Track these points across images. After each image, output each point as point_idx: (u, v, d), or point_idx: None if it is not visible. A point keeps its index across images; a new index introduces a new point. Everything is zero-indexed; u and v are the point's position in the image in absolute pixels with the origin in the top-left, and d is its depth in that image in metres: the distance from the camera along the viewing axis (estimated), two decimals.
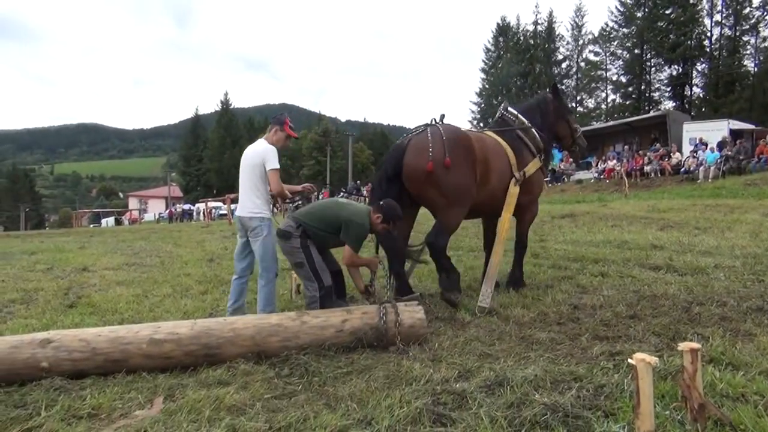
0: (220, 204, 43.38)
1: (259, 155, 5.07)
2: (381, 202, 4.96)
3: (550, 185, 25.43)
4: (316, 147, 69.93)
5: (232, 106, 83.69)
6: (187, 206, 53.29)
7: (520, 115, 6.33)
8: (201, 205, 44.91)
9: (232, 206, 34.66)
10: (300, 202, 6.25)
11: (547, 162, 6.66)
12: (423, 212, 5.98)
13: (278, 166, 5.06)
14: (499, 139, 6.04)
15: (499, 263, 5.73)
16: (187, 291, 7.23)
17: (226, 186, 65.03)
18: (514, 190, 5.82)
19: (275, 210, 5.74)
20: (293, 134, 5.34)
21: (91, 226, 44.87)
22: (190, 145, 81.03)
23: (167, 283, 7.86)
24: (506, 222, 5.77)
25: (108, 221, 52.10)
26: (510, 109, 6.45)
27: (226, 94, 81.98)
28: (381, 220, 4.87)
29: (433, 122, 5.61)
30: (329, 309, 4.63)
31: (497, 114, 6.60)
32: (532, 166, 6.09)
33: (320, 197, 45.16)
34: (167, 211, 54.77)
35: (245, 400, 3.29)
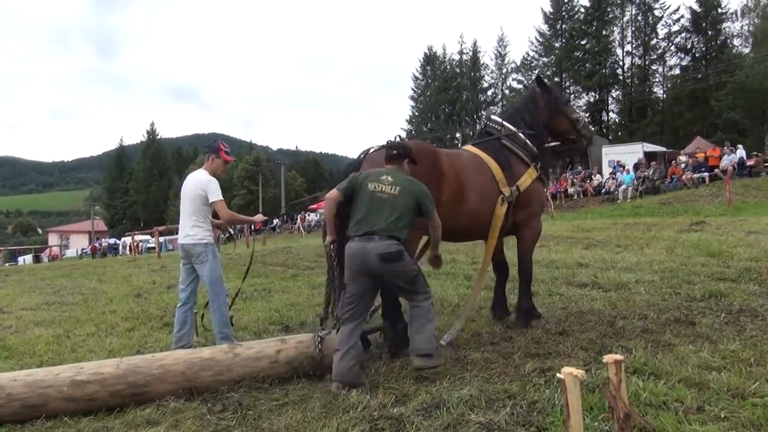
0: (147, 237, 41.89)
1: (200, 186, 5.10)
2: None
3: None
4: (248, 176, 68.91)
5: (159, 136, 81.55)
6: (112, 240, 51.09)
7: (505, 123, 5.61)
8: (127, 239, 43.16)
9: (161, 238, 33.58)
10: (230, 234, 6.11)
11: (547, 169, 5.85)
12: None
13: (221, 197, 5.10)
14: (480, 153, 5.36)
15: (477, 298, 5.28)
16: (112, 329, 6.90)
17: (154, 218, 63.04)
18: (500, 211, 5.16)
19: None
20: (229, 159, 5.37)
21: (7, 264, 42.17)
22: (114, 177, 78.19)
23: (91, 322, 7.47)
24: (490, 249, 5.22)
25: (25, 259, 49.13)
26: (493, 117, 5.83)
27: (152, 124, 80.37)
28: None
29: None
30: (263, 340, 4.54)
31: (480, 126, 6.03)
32: (527, 178, 5.36)
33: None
34: (90, 246, 52.30)
35: None
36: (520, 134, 5.51)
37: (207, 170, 5.22)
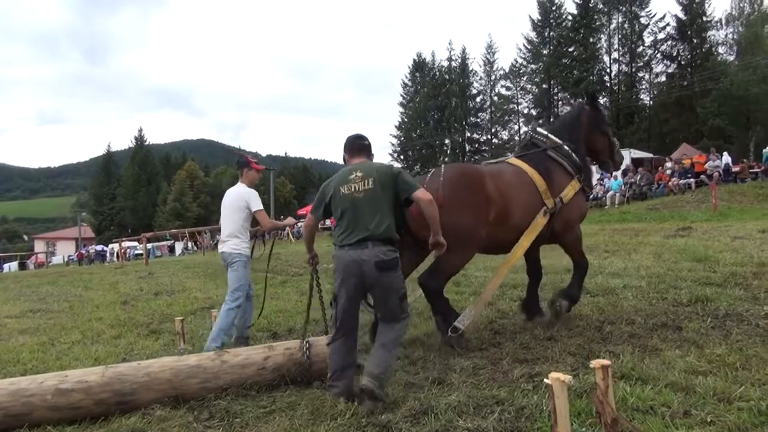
0: (135, 243, 41.58)
1: (243, 198, 5.55)
2: None
3: None
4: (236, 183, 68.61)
5: (147, 142, 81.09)
6: (99, 247, 50.63)
7: (550, 135, 5.71)
8: (115, 246, 42.80)
9: (149, 245, 33.34)
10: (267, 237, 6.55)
11: (589, 180, 5.93)
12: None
13: (262, 207, 5.59)
14: (524, 166, 5.44)
15: (496, 288, 5.27)
16: (98, 336, 6.83)
17: (142, 224, 62.56)
18: (540, 220, 5.24)
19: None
20: (260, 167, 5.92)
21: None
22: (102, 183, 77.50)
23: (76, 329, 7.39)
24: (521, 249, 5.20)
25: (10, 266, 48.54)
26: (539, 129, 5.91)
27: (140, 130, 79.70)
28: None
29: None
30: (251, 347, 4.51)
31: (525, 138, 6.09)
32: (570, 189, 5.46)
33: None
34: (77, 253, 51.79)
35: None
36: (565, 147, 5.64)
37: (245, 183, 5.71)
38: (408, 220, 4.68)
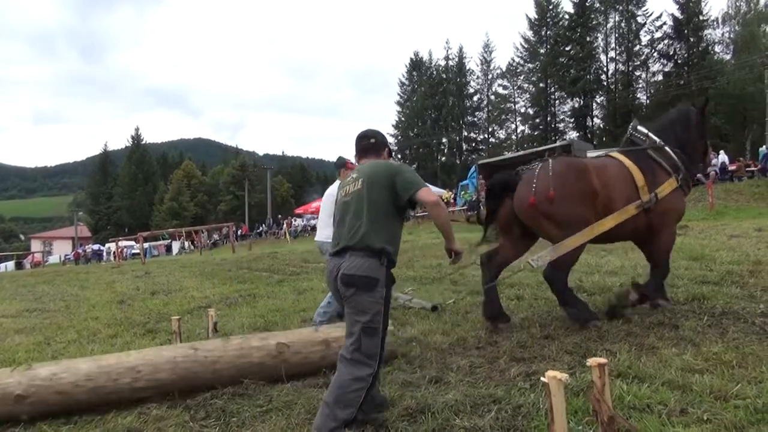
0: (132, 243, 41.55)
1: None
2: None
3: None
4: (234, 182, 68.67)
5: (144, 142, 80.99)
6: (96, 246, 50.56)
7: (650, 134, 5.84)
8: (111, 245, 42.74)
9: (146, 244, 33.28)
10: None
11: (688, 182, 5.94)
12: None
13: None
14: (625, 161, 5.62)
15: (574, 244, 5.13)
16: (94, 335, 6.81)
17: (139, 224, 62.42)
18: (631, 209, 5.30)
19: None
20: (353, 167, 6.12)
21: None
22: (98, 183, 77.40)
23: (72, 329, 7.37)
24: (603, 226, 5.17)
25: (7, 265, 48.46)
26: (639, 128, 5.99)
27: (137, 129, 79.38)
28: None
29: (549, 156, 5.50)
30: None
31: (627, 134, 6.23)
32: (667, 186, 5.53)
33: (239, 232, 44.37)
34: (73, 253, 51.69)
35: None
36: (666, 148, 5.73)
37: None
38: (519, 210, 5.24)
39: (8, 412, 3.58)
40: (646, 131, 5.91)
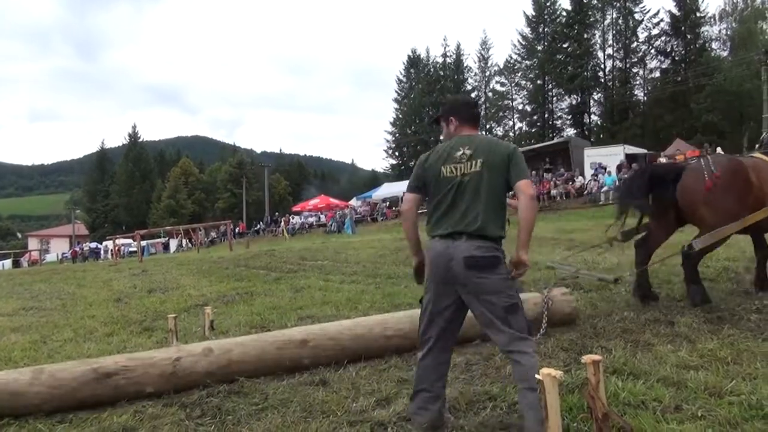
0: (129, 241, 41.47)
1: None
2: None
3: None
4: (232, 179, 68.64)
5: (141, 139, 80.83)
6: (94, 244, 50.49)
7: None
8: (109, 243, 42.67)
9: (143, 242, 33.20)
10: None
11: None
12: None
13: None
14: None
15: (729, 232, 5.62)
16: (90, 334, 6.79)
17: (137, 222, 62.38)
18: None
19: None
20: None
21: None
22: (96, 181, 77.30)
23: (69, 327, 7.35)
24: (756, 216, 5.63)
25: (4, 264, 48.39)
26: None
27: (134, 127, 79.46)
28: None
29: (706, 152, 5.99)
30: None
31: (762, 138, 6.76)
32: None
33: (236, 230, 44.33)
34: (70, 251, 51.62)
35: None
36: None
37: None
38: (684, 197, 5.71)
39: (295, 355, 4.30)
40: None
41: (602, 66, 52.52)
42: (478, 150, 3.02)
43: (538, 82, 54.86)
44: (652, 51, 49.78)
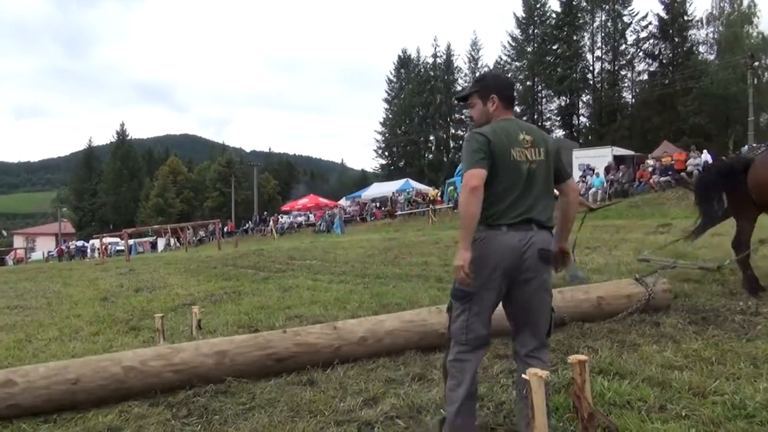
0: (117, 239, 41.14)
1: None
2: None
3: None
4: (220, 178, 68.36)
5: (129, 137, 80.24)
6: (80, 243, 50.07)
7: None
8: (96, 242, 42.32)
9: (130, 241, 32.98)
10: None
11: None
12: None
13: None
14: None
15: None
16: (76, 333, 6.73)
17: (124, 220, 61.94)
18: None
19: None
20: None
21: None
22: (83, 179, 76.65)
23: (54, 326, 7.28)
24: None
25: None
26: None
27: (122, 125, 78.91)
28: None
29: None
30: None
31: None
32: None
33: (225, 229, 44.12)
34: (57, 249, 51.15)
35: None
36: None
37: None
38: (754, 190, 6.00)
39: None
40: None
41: (591, 68, 52.88)
42: (537, 138, 2.84)
43: (528, 83, 55.09)
44: (641, 54, 50.18)
